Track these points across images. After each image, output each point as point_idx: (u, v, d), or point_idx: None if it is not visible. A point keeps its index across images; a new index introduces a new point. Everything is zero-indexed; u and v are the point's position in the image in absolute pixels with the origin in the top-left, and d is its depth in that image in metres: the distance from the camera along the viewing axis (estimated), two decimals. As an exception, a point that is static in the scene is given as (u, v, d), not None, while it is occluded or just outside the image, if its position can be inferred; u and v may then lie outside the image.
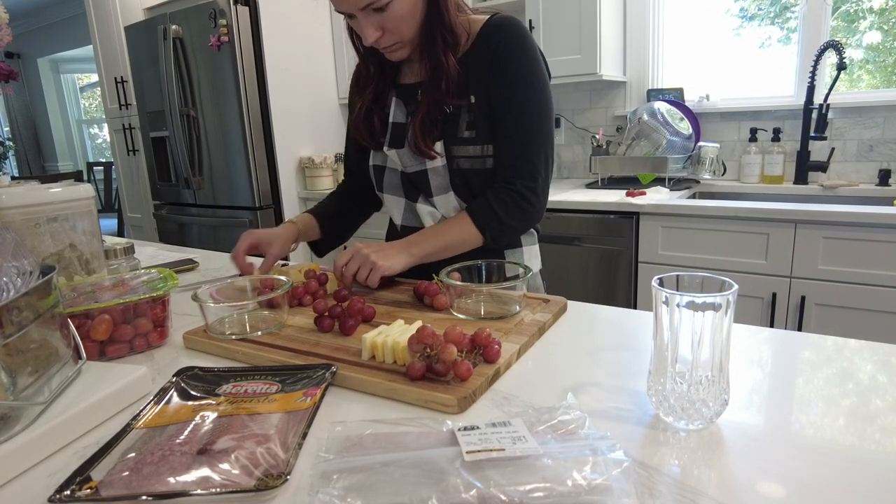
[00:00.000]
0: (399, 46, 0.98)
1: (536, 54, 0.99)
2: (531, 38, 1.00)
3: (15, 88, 6.43)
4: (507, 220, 1.00)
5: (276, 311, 0.84)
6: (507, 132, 0.99)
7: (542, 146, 1.00)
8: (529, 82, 0.98)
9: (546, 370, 0.69)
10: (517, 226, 1.03)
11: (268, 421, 0.54)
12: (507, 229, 1.02)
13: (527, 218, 1.02)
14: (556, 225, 2.23)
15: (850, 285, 1.73)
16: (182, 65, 2.83)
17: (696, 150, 2.39)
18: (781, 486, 0.45)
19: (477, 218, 1.00)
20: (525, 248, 1.11)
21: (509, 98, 0.98)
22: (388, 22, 0.93)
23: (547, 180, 1.03)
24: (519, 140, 0.99)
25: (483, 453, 0.47)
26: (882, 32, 2.28)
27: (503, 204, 0.99)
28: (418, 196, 1.09)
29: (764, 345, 0.74)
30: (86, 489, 0.46)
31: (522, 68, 0.98)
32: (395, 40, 0.96)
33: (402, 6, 0.91)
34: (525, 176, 0.99)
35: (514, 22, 0.99)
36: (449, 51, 0.98)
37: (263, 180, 2.83)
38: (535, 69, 0.99)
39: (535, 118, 0.99)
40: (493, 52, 0.98)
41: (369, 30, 0.93)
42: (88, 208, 0.96)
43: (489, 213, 1.00)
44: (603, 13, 2.34)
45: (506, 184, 1.00)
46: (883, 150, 2.18)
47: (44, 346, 0.59)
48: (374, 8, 0.90)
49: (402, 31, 0.95)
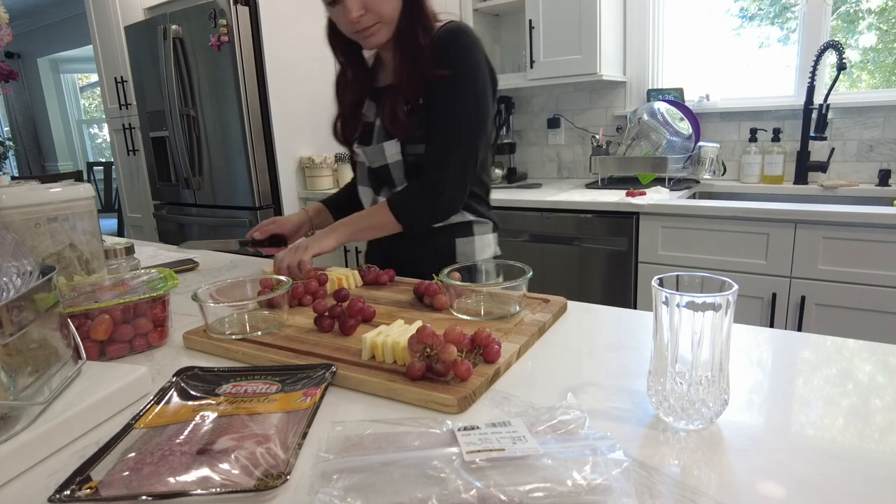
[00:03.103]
0: (378, 28, 1.04)
1: (474, 60, 1.06)
2: (473, 46, 1.07)
3: (15, 88, 6.43)
4: (415, 210, 1.10)
5: (276, 311, 0.84)
6: (431, 128, 1.08)
7: (460, 144, 1.07)
8: (458, 86, 1.05)
9: (546, 370, 0.69)
10: (425, 215, 1.12)
11: (268, 421, 0.54)
12: (416, 218, 1.11)
13: (434, 208, 1.10)
14: (556, 225, 2.23)
15: (850, 285, 1.73)
16: (182, 65, 2.83)
17: (696, 150, 2.39)
18: (781, 486, 0.45)
19: (394, 207, 1.09)
20: (477, 236, 1.20)
21: (438, 98, 1.06)
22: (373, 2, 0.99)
23: (459, 178, 1.09)
24: (437, 136, 1.08)
25: (483, 453, 0.47)
26: (881, 33, 2.27)
27: (415, 193, 1.10)
28: (382, 188, 1.20)
29: (764, 345, 0.74)
30: (86, 489, 0.46)
31: (455, 71, 1.05)
32: (375, 20, 1.02)
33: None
34: (435, 168, 1.08)
35: (458, 30, 1.07)
36: (425, 33, 1.04)
37: (263, 180, 2.83)
38: (469, 74, 1.06)
39: (458, 118, 1.06)
40: (437, 58, 1.05)
41: (354, 6, 0.99)
42: (88, 208, 0.96)
43: (405, 202, 1.10)
44: (603, 13, 2.34)
45: (424, 177, 1.09)
46: (883, 151, 2.18)
47: (44, 346, 0.59)
48: None
49: (383, 9, 1.01)
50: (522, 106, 2.96)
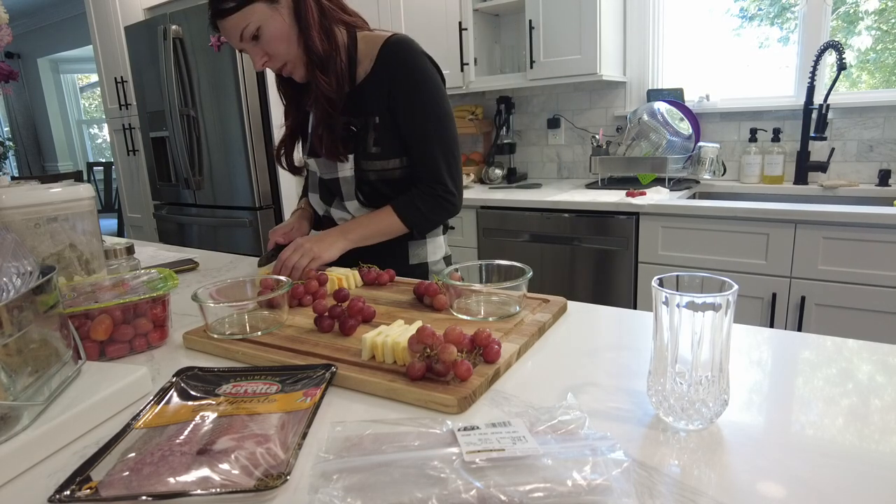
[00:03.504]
0: (290, 68, 1.08)
1: (428, 72, 1.11)
2: (422, 56, 1.11)
3: (15, 88, 6.43)
4: (430, 216, 1.16)
5: (276, 311, 0.84)
6: (416, 148, 1.13)
7: (449, 153, 1.14)
8: (424, 101, 1.10)
9: (546, 370, 0.69)
10: (438, 219, 1.19)
11: (268, 421, 0.54)
12: (429, 223, 1.18)
13: (447, 214, 1.18)
14: (556, 225, 2.23)
15: (850, 285, 1.73)
16: (182, 65, 2.83)
17: (696, 151, 2.39)
18: (781, 486, 0.45)
19: (404, 214, 1.14)
20: (429, 239, 1.25)
21: (411, 119, 1.11)
22: (266, 46, 1.04)
23: (457, 179, 1.17)
24: (428, 151, 1.13)
25: (483, 453, 0.47)
26: (881, 33, 2.27)
27: (426, 204, 1.14)
28: (333, 199, 1.23)
29: (764, 345, 0.74)
30: (86, 489, 0.46)
31: (418, 90, 1.10)
32: (281, 62, 1.07)
33: (272, 30, 1.02)
34: (440, 181, 1.14)
35: (405, 45, 1.10)
36: (316, 69, 1.07)
37: (263, 180, 2.83)
38: (429, 88, 1.10)
39: (439, 131, 1.12)
40: (390, 75, 1.09)
41: (256, 57, 1.06)
42: (88, 208, 0.96)
43: (415, 210, 1.14)
44: (603, 13, 2.34)
45: (428, 187, 1.14)
46: (883, 151, 2.18)
47: (44, 346, 0.59)
48: (251, 37, 1.02)
49: (280, 52, 1.05)
50: (522, 106, 2.96)
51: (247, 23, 1.00)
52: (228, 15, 1.00)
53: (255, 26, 1.01)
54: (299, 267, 1.05)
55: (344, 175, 1.16)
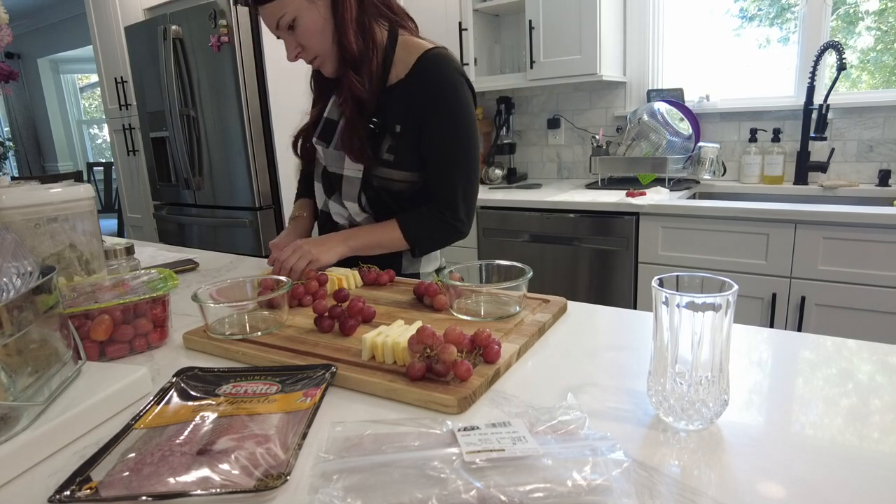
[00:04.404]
0: (321, 62, 1.08)
1: (463, 95, 1.08)
2: (459, 77, 1.08)
3: (15, 89, 6.43)
4: (436, 239, 1.16)
5: (276, 312, 0.84)
6: (435, 169, 1.11)
7: (466, 180, 1.12)
8: (454, 124, 1.08)
9: (546, 370, 0.69)
10: (443, 242, 1.18)
11: (268, 421, 0.54)
12: (434, 244, 1.18)
13: (452, 239, 1.17)
14: (556, 225, 2.23)
15: (850, 285, 1.73)
16: (182, 65, 2.83)
17: (696, 151, 2.39)
18: (781, 486, 0.45)
19: (409, 232, 1.12)
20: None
21: (436, 139, 1.09)
22: (301, 38, 1.03)
23: (470, 208, 1.15)
24: (447, 176, 1.11)
25: (483, 454, 0.47)
26: (881, 33, 2.27)
27: (433, 226, 1.13)
28: (333, 193, 1.20)
29: (764, 345, 0.74)
30: (86, 489, 0.46)
31: (448, 111, 1.07)
32: (313, 55, 1.06)
33: (308, 22, 1.02)
34: (453, 208, 1.12)
35: (445, 61, 1.07)
36: (349, 68, 1.06)
37: (263, 180, 2.83)
38: (461, 111, 1.08)
39: (463, 157, 1.10)
40: (423, 90, 1.07)
41: (290, 47, 1.06)
42: (88, 208, 0.96)
43: (421, 231, 1.13)
44: (603, 13, 2.34)
45: (438, 210, 1.12)
46: (883, 151, 2.18)
47: (44, 347, 0.59)
48: (286, 26, 1.02)
49: (314, 46, 1.04)
50: (522, 106, 2.96)
51: (283, 12, 1.00)
52: (266, 2, 1.00)
53: (291, 16, 1.01)
54: (297, 269, 1.04)
55: (349, 174, 1.13)
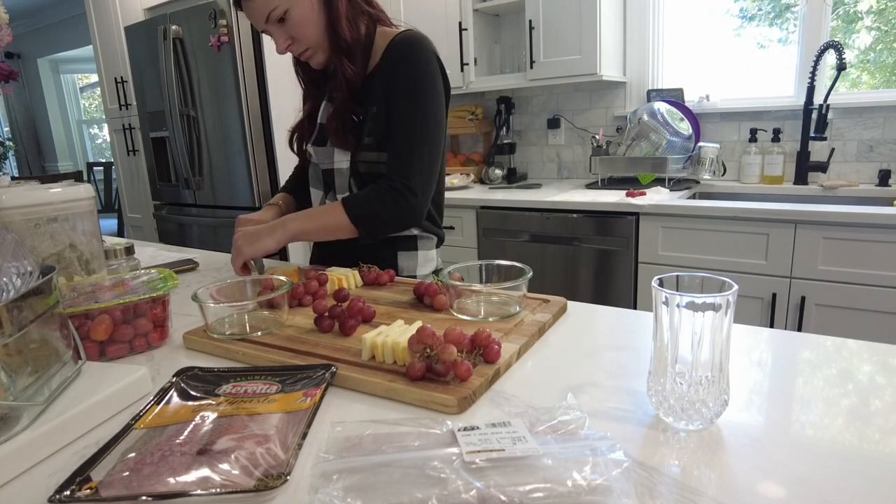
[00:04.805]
0: (311, 52, 1.08)
1: (428, 69, 1.07)
2: (426, 55, 1.08)
3: (15, 89, 6.43)
4: (382, 214, 1.06)
5: (275, 312, 0.84)
6: (393, 138, 1.08)
7: (423, 152, 1.07)
8: (416, 95, 1.06)
9: (546, 370, 0.69)
10: (391, 220, 1.08)
11: (268, 421, 0.54)
12: (380, 223, 1.07)
13: (402, 214, 1.07)
14: (556, 225, 2.23)
15: (850, 285, 1.73)
16: (182, 65, 2.83)
17: (696, 151, 2.39)
18: (781, 486, 0.45)
19: (351, 210, 1.06)
20: (420, 251, 1.20)
21: (397, 109, 1.07)
22: (291, 30, 1.03)
23: (426, 184, 1.08)
24: (401, 144, 1.07)
25: (483, 453, 0.47)
26: (881, 33, 2.27)
27: (380, 198, 1.05)
28: (328, 192, 1.19)
29: (764, 345, 0.74)
30: (86, 489, 0.46)
31: (413, 83, 1.06)
32: (304, 46, 1.06)
33: (299, 13, 1.02)
34: (403, 175, 1.05)
35: (412, 39, 1.08)
36: (343, 55, 1.06)
37: (263, 180, 2.83)
38: (425, 84, 1.07)
39: (419, 127, 1.07)
40: (391, 67, 1.07)
41: (279, 40, 1.05)
42: (88, 208, 0.96)
43: (365, 206, 1.06)
44: (603, 13, 2.34)
45: (388, 181, 1.06)
46: (883, 151, 2.18)
47: (44, 346, 0.59)
48: (277, 19, 1.02)
49: (305, 36, 1.04)
50: (522, 106, 2.96)
51: (275, 6, 1.00)
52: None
53: (282, 9, 1.01)
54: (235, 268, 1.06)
55: (339, 167, 1.14)
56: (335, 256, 1.19)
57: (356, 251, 1.12)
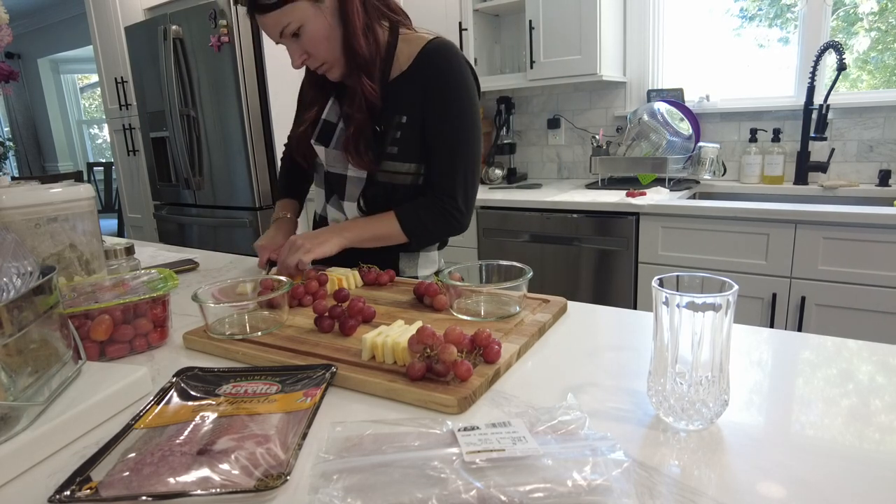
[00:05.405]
0: (328, 67, 1.05)
1: (468, 82, 1.07)
2: (464, 65, 1.07)
3: (15, 89, 6.43)
4: (433, 230, 1.12)
5: (276, 312, 0.84)
6: (436, 154, 1.09)
7: (469, 169, 1.10)
8: (458, 110, 1.06)
9: (546, 370, 0.69)
10: (438, 233, 1.15)
11: (268, 421, 0.54)
12: (429, 235, 1.14)
13: (450, 229, 1.13)
14: (556, 225, 2.23)
15: (850, 286, 1.73)
16: (182, 65, 2.83)
17: (696, 151, 2.39)
18: (781, 486, 0.45)
19: (406, 223, 1.09)
20: (422, 253, 1.21)
21: (440, 125, 1.07)
22: (306, 45, 1.01)
23: (470, 198, 1.12)
24: (446, 161, 1.09)
25: (483, 454, 0.47)
26: (881, 34, 2.27)
27: (431, 216, 1.10)
28: (332, 196, 1.18)
29: (764, 345, 0.74)
30: (86, 489, 0.46)
31: (453, 98, 1.06)
32: (320, 61, 1.04)
33: (314, 30, 0.99)
34: (450, 193, 1.09)
35: (449, 50, 1.06)
36: (360, 72, 1.04)
37: (263, 180, 2.83)
38: (466, 98, 1.07)
39: (462, 143, 1.08)
40: (427, 79, 1.05)
41: (294, 55, 1.03)
42: (89, 209, 0.96)
43: (417, 221, 1.10)
44: (603, 13, 2.34)
45: (435, 199, 1.10)
46: (883, 151, 2.18)
47: (44, 347, 0.59)
48: (291, 34, 1.00)
49: (321, 53, 1.02)
50: (522, 106, 2.96)
51: (288, 21, 0.97)
52: (269, 11, 0.96)
53: (296, 25, 0.98)
54: (290, 265, 1.02)
55: (353, 174, 1.11)
56: (335, 257, 1.19)
57: (357, 252, 1.12)
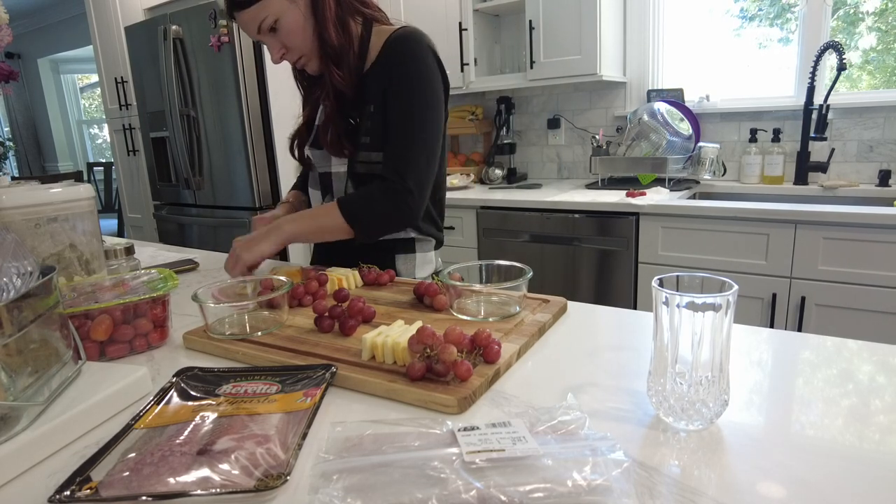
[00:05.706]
0: (306, 60, 1.07)
1: (426, 67, 1.07)
2: (425, 51, 1.07)
3: (15, 89, 6.43)
4: (377, 213, 1.06)
5: (276, 312, 0.84)
6: (390, 137, 1.07)
7: (421, 151, 1.06)
8: (412, 92, 1.05)
9: (546, 370, 0.69)
10: (386, 219, 1.08)
11: (268, 421, 0.54)
12: (375, 222, 1.07)
13: (399, 214, 1.07)
14: (556, 225, 2.23)
15: (850, 286, 1.73)
16: (182, 65, 2.83)
17: (696, 151, 2.39)
18: (781, 486, 0.45)
19: (345, 209, 1.05)
20: (418, 254, 1.20)
21: (394, 107, 1.06)
22: (284, 38, 1.03)
23: (423, 183, 1.07)
24: (397, 142, 1.06)
25: (483, 454, 0.47)
26: (881, 34, 2.28)
27: (379, 199, 1.05)
28: (326, 195, 1.19)
29: (764, 345, 0.74)
30: (86, 489, 0.46)
31: (410, 81, 1.05)
32: (297, 55, 1.06)
33: (289, 22, 1.01)
34: (400, 173, 1.05)
35: (408, 36, 1.07)
36: (330, 62, 1.06)
37: (263, 180, 2.83)
38: (423, 83, 1.06)
39: (415, 125, 1.06)
40: (388, 66, 1.07)
41: (273, 50, 1.05)
42: (89, 208, 0.96)
43: (360, 205, 1.06)
44: (603, 13, 2.34)
45: (386, 182, 1.05)
46: (883, 151, 2.18)
47: (44, 347, 0.59)
48: (268, 29, 1.02)
49: (297, 44, 1.04)
50: (522, 106, 2.96)
51: (265, 15, 1.00)
52: (246, 7, 1.00)
53: (272, 19, 1.01)
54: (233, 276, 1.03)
55: (336, 170, 1.14)
56: (335, 257, 1.19)
57: (356, 252, 1.12)
